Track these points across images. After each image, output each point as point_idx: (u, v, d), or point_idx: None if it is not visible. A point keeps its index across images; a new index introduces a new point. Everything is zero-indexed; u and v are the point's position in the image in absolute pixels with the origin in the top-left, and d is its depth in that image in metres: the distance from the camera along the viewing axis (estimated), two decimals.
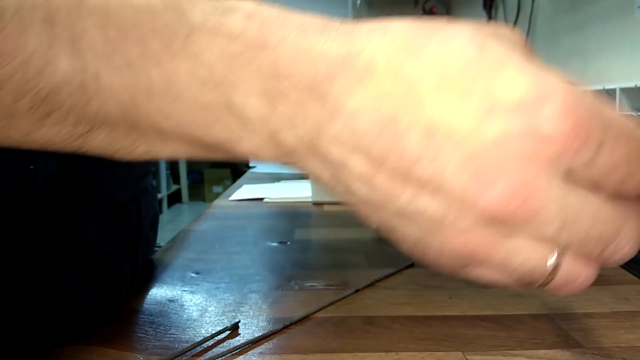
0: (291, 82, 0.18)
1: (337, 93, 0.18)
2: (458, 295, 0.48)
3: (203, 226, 0.77)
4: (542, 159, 0.16)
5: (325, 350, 0.37)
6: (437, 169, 0.17)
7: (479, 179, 0.16)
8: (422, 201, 0.18)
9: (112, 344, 0.38)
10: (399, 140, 0.17)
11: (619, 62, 0.81)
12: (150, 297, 0.48)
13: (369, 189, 0.19)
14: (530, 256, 0.18)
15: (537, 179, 0.16)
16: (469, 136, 0.16)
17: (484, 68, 0.17)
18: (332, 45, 0.19)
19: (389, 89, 0.18)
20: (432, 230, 0.18)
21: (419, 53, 0.18)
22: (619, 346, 0.37)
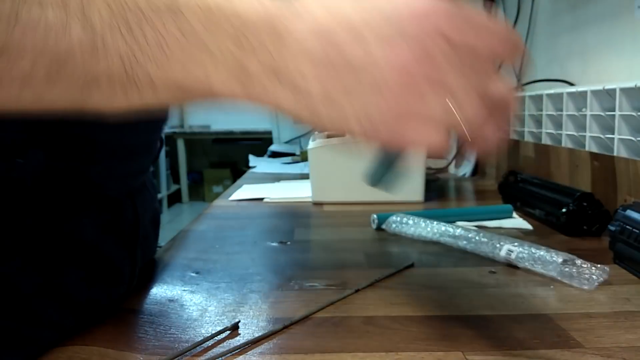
0: (251, 24, 0.26)
1: (286, 25, 0.26)
2: (458, 295, 0.48)
3: (203, 226, 0.77)
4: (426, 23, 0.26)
5: (325, 350, 0.37)
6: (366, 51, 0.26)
7: (391, 45, 0.26)
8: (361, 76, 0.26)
9: (112, 344, 0.38)
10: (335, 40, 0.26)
11: (619, 62, 0.81)
12: (150, 297, 0.48)
13: (322, 85, 0.26)
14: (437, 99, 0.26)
15: (425, 36, 0.26)
16: (379, 25, 0.26)
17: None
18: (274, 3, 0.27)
19: (320, 13, 0.26)
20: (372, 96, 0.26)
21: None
22: (619, 346, 0.37)
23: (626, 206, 0.57)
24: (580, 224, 0.68)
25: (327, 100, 0.27)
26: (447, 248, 0.64)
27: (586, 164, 0.82)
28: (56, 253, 0.40)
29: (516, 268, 0.55)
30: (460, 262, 0.58)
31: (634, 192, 0.69)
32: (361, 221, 0.78)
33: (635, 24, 0.76)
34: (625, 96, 0.71)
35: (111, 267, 0.45)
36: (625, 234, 0.55)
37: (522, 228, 0.74)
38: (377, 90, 0.26)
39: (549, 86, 0.98)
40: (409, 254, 0.61)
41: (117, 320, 0.43)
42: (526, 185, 0.85)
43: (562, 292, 0.48)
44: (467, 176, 1.29)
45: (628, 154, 0.72)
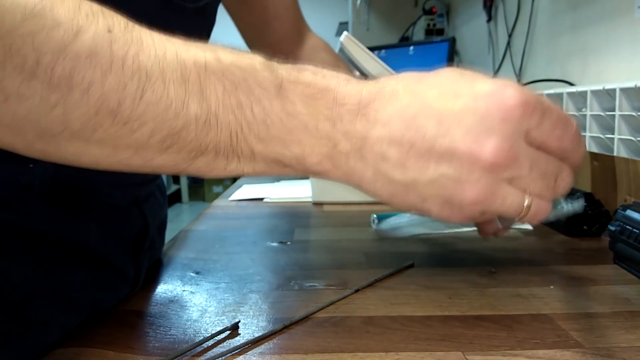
0: (345, 108, 0.28)
1: (375, 110, 0.28)
2: (458, 295, 0.48)
3: (203, 226, 0.77)
4: (512, 120, 0.26)
5: (325, 350, 0.37)
6: (450, 142, 0.26)
7: (478, 141, 0.26)
8: (443, 168, 0.27)
9: (111, 345, 0.38)
10: (420, 129, 0.27)
11: (619, 62, 0.81)
12: (150, 297, 0.48)
13: (403, 171, 0.28)
14: (514, 199, 0.28)
15: (512, 135, 0.26)
16: (465, 115, 0.26)
17: (465, 81, 0.28)
18: (368, 85, 0.29)
19: (408, 101, 0.28)
20: (455, 187, 0.27)
21: (424, 80, 0.29)
22: (619, 346, 0.37)
23: (626, 206, 0.57)
24: (580, 224, 0.68)
25: (409, 187, 0.28)
26: (447, 248, 0.64)
27: (586, 164, 0.82)
28: (62, 257, 0.40)
29: (516, 268, 0.55)
30: (460, 262, 0.58)
31: (634, 192, 0.69)
32: (361, 221, 0.78)
33: (635, 24, 0.76)
34: (625, 96, 0.71)
35: (115, 272, 0.45)
36: (625, 234, 0.55)
37: (522, 228, 0.74)
38: (460, 183, 0.27)
39: (549, 86, 0.98)
40: (409, 254, 0.61)
41: (117, 321, 0.43)
42: None
43: (562, 292, 0.48)
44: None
45: (628, 154, 0.72)
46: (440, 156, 0.27)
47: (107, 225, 0.45)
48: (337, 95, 0.28)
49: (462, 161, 0.26)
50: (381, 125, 0.28)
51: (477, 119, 0.26)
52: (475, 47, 1.51)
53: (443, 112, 0.27)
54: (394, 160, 0.28)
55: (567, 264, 0.57)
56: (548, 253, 0.62)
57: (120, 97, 0.24)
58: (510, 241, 0.67)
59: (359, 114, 0.28)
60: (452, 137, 0.26)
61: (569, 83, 0.94)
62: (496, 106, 0.26)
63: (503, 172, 0.26)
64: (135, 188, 0.49)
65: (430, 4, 1.81)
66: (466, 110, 0.26)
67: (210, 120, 0.27)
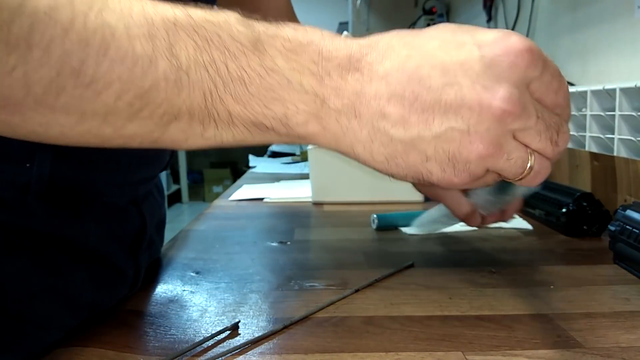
0: (333, 63, 0.26)
1: (370, 64, 0.26)
2: (458, 295, 0.48)
3: (203, 226, 0.77)
4: (520, 67, 0.25)
5: (325, 350, 0.37)
6: (457, 92, 0.24)
7: (487, 89, 0.24)
8: (451, 120, 0.25)
9: (111, 345, 0.38)
10: (425, 81, 0.25)
11: (619, 62, 0.81)
12: (150, 297, 0.48)
13: (406, 128, 0.25)
14: (520, 154, 0.26)
15: (521, 83, 0.25)
16: (472, 63, 0.25)
17: (465, 31, 0.26)
18: (358, 40, 0.27)
19: (407, 53, 0.26)
20: (462, 140, 0.25)
21: (420, 34, 0.27)
22: (619, 346, 0.37)
23: (626, 206, 0.57)
24: (580, 224, 0.68)
25: (410, 146, 0.26)
26: (447, 248, 0.64)
27: (586, 164, 0.82)
28: (61, 257, 0.40)
29: (516, 268, 0.55)
30: (460, 262, 0.58)
31: (634, 192, 0.69)
32: (361, 221, 0.78)
33: (635, 24, 0.76)
34: (625, 96, 0.71)
35: (115, 271, 0.45)
36: (625, 234, 0.55)
37: (522, 228, 0.74)
38: (468, 137, 0.25)
39: None
40: (409, 254, 0.61)
41: (117, 321, 0.43)
42: None
43: (562, 292, 0.48)
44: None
45: (628, 154, 0.72)
46: (447, 107, 0.25)
47: (105, 224, 0.45)
48: (323, 49, 0.26)
49: (471, 111, 0.24)
50: (378, 80, 0.25)
51: (484, 67, 0.24)
52: None
53: (447, 62, 0.25)
54: (395, 116, 0.25)
55: (567, 264, 0.57)
56: (548, 253, 0.62)
57: (82, 55, 0.22)
58: (510, 241, 0.67)
59: (351, 69, 0.26)
60: (460, 86, 0.24)
61: (569, 83, 0.94)
62: (504, 52, 0.24)
63: (513, 121, 0.25)
64: (133, 187, 0.49)
65: (430, 4, 1.81)
66: (472, 58, 0.25)
67: (182, 79, 0.24)
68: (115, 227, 0.46)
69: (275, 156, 1.89)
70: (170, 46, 0.24)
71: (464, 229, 0.74)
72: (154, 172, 0.53)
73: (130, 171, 0.47)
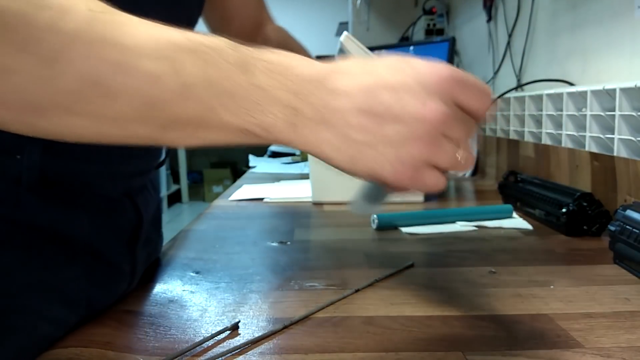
0: (306, 81, 0.32)
1: (336, 83, 0.32)
2: (458, 295, 0.48)
3: (203, 226, 0.77)
4: (445, 87, 0.32)
5: (325, 350, 0.37)
6: (402, 105, 0.32)
7: (423, 103, 0.32)
8: (398, 127, 0.32)
9: (111, 346, 0.38)
10: (378, 97, 0.32)
11: (619, 62, 0.81)
12: (150, 297, 0.48)
13: (366, 134, 0.32)
14: (451, 149, 0.33)
15: (447, 98, 0.32)
16: (412, 85, 0.32)
17: (406, 61, 0.34)
18: (323, 64, 0.33)
19: (363, 76, 0.33)
20: (406, 143, 0.32)
21: (372, 62, 0.34)
22: (619, 346, 0.37)
23: (626, 206, 0.57)
24: (580, 224, 0.68)
25: (368, 147, 0.32)
26: (447, 248, 0.64)
27: (586, 164, 0.82)
28: (54, 250, 0.41)
29: (516, 268, 0.55)
30: (460, 262, 0.58)
31: (634, 192, 0.69)
32: (361, 221, 0.78)
33: (635, 24, 0.76)
34: (625, 96, 0.71)
35: (111, 266, 0.46)
36: (625, 234, 0.55)
37: (522, 228, 0.74)
38: (411, 139, 0.32)
39: (549, 86, 0.98)
40: (409, 254, 0.61)
41: (117, 321, 0.43)
42: (526, 185, 0.85)
43: (562, 292, 0.48)
44: (467, 176, 1.29)
45: (628, 154, 0.72)
46: (395, 117, 0.32)
47: (99, 217, 0.45)
48: (297, 70, 0.32)
49: (413, 120, 0.32)
50: (344, 96, 0.32)
51: (421, 87, 0.32)
52: (475, 47, 1.51)
53: (395, 83, 0.32)
54: (357, 125, 0.32)
55: (567, 264, 0.57)
56: (548, 253, 0.62)
57: (101, 70, 0.27)
58: (510, 241, 0.67)
59: (321, 86, 0.32)
60: (404, 102, 0.32)
61: (569, 83, 0.94)
62: (435, 77, 0.32)
63: (442, 126, 0.32)
64: (126, 179, 0.50)
65: (430, 4, 1.81)
66: (412, 81, 0.32)
67: (184, 94, 0.29)
68: (109, 220, 0.46)
69: (275, 156, 1.89)
70: (175, 65, 0.29)
71: (464, 229, 0.74)
72: (147, 165, 0.53)
73: (122, 163, 0.48)
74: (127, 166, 0.49)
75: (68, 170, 0.42)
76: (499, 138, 1.19)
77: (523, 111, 1.05)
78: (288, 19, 5.79)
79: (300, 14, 4.94)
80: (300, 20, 4.89)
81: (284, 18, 4.48)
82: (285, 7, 4.95)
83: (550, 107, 0.94)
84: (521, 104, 1.07)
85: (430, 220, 0.77)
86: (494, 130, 1.22)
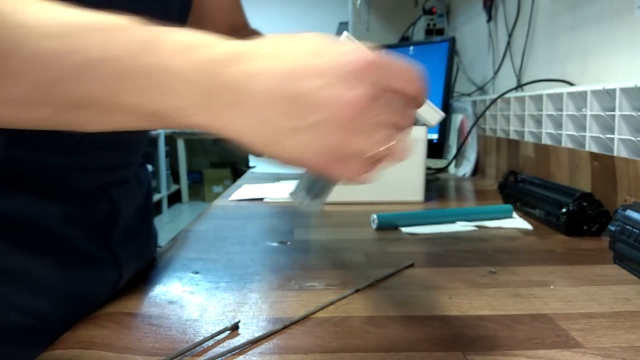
0: (221, 63, 0.29)
1: (255, 66, 0.30)
2: (458, 295, 0.48)
3: (203, 226, 0.77)
4: (369, 72, 0.30)
5: (325, 350, 0.37)
6: (324, 92, 0.29)
7: (345, 90, 0.30)
8: (322, 114, 0.30)
9: (111, 347, 0.38)
10: (299, 82, 0.29)
11: (619, 62, 0.81)
12: (150, 298, 0.48)
13: (286, 120, 0.30)
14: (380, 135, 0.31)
15: (371, 84, 0.30)
16: (335, 70, 0.30)
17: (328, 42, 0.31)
18: (243, 43, 0.31)
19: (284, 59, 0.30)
20: (331, 130, 0.30)
21: (294, 42, 0.31)
22: (619, 346, 0.37)
23: (626, 206, 0.57)
24: (580, 224, 0.68)
25: (290, 133, 0.30)
26: (447, 248, 0.64)
27: (586, 164, 0.82)
28: (26, 240, 0.41)
29: (516, 268, 0.55)
30: (460, 262, 0.58)
31: (634, 192, 0.69)
32: (361, 221, 0.78)
33: (635, 24, 0.76)
34: (625, 96, 0.71)
35: (86, 255, 0.46)
36: (625, 234, 0.55)
37: (522, 228, 0.74)
38: (334, 126, 0.30)
39: (549, 86, 0.98)
40: (409, 254, 0.61)
41: (116, 322, 0.43)
42: (526, 185, 0.85)
43: (562, 292, 0.48)
44: (467, 176, 1.29)
45: (628, 154, 0.72)
46: (318, 105, 0.30)
47: (70, 208, 0.45)
48: (211, 51, 0.30)
49: (336, 107, 0.30)
50: (263, 80, 0.30)
51: (343, 73, 0.30)
52: (475, 47, 1.51)
53: (316, 68, 0.30)
54: (275, 111, 0.30)
55: (567, 264, 0.57)
56: (548, 253, 0.62)
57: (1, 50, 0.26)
58: (510, 241, 0.67)
59: (238, 68, 0.30)
60: (326, 88, 0.30)
61: (569, 83, 0.94)
62: (360, 62, 0.30)
63: (368, 112, 0.30)
64: (101, 172, 0.49)
65: (430, 4, 1.81)
66: (335, 66, 0.30)
67: (83, 73, 0.28)
68: (81, 210, 0.46)
69: None
70: (75, 44, 0.28)
71: (464, 229, 0.74)
72: (124, 160, 0.53)
73: (93, 156, 0.47)
74: (99, 160, 0.48)
75: (35, 162, 0.43)
76: (499, 138, 1.19)
77: (523, 111, 1.05)
78: (288, 19, 5.80)
79: (300, 14, 4.94)
80: (300, 20, 4.89)
81: (284, 18, 4.50)
82: (285, 7, 4.95)
83: (550, 107, 0.94)
84: (521, 104, 1.07)
85: (430, 220, 0.77)
86: (494, 130, 1.22)
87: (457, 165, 1.34)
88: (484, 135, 1.28)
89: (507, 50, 1.25)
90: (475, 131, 1.29)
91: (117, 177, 0.52)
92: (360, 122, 0.31)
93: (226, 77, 0.30)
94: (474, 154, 1.29)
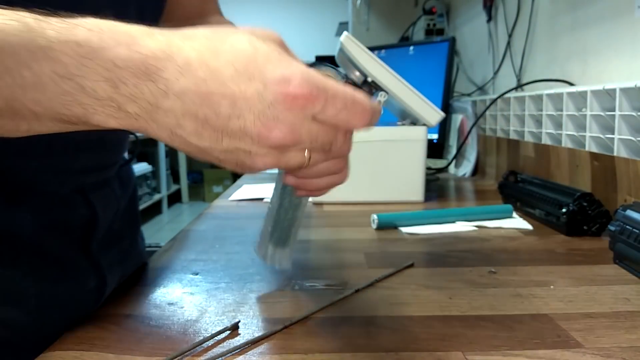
0: (128, 71, 0.28)
1: (166, 79, 0.28)
2: (458, 295, 0.48)
3: (203, 226, 0.77)
4: (295, 109, 0.29)
5: (325, 350, 0.37)
6: (242, 123, 0.29)
7: (266, 126, 0.29)
8: (237, 143, 0.29)
9: (111, 349, 0.38)
10: (215, 107, 0.28)
11: (619, 62, 0.81)
12: (150, 298, 0.48)
13: (200, 139, 0.29)
14: (298, 157, 0.31)
15: (294, 121, 0.29)
16: (256, 102, 0.28)
17: (259, 60, 0.29)
18: (156, 46, 0.28)
19: (203, 76, 0.28)
20: (246, 157, 0.30)
21: (219, 53, 0.29)
22: (619, 346, 0.37)
23: (626, 206, 0.57)
24: (580, 224, 0.68)
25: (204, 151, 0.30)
26: (447, 248, 0.64)
27: (586, 164, 0.82)
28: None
29: (516, 268, 0.55)
30: (460, 262, 0.58)
31: (634, 192, 0.69)
32: (361, 221, 0.78)
33: (635, 24, 0.76)
34: (625, 96, 0.71)
35: (61, 263, 0.45)
36: (625, 234, 0.55)
37: (522, 228, 0.74)
38: (249, 154, 0.30)
39: (549, 86, 0.98)
40: (409, 254, 0.61)
41: (116, 324, 0.43)
42: (526, 185, 0.85)
43: (562, 292, 0.48)
44: (467, 176, 1.29)
45: (628, 154, 0.72)
46: (233, 133, 0.29)
47: (44, 214, 0.44)
48: (117, 56, 0.27)
49: (252, 140, 0.29)
50: (174, 97, 0.28)
51: (265, 107, 0.28)
52: (475, 47, 1.51)
53: (237, 95, 0.28)
54: (189, 129, 0.29)
55: (567, 264, 0.57)
56: (548, 253, 0.62)
57: None
58: (510, 241, 0.67)
59: (147, 80, 0.28)
60: (244, 120, 0.29)
61: (569, 83, 0.94)
62: (283, 97, 0.28)
63: (286, 149, 0.30)
64: (78, 175, 0.48)
65: (430, 4, 1.81)
66: (257, 97, 0.28)
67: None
68: (56, 218, 0.45)
69: None
70: None
71: (464, 229, 0.74)
72: (103, 161, 0.51)
73: (67, 157, 0.46)
74: (74, 161, 0.47)
75: (5, 166, 0.41)
76: (499, 138, 1.19)
77: (523, 111, 1.05)
78: (288, 19, 5.78)
79: (300, 14, 4.94)
80: (300, 20, 4.89)
81: (285, 18, 4.49)
82: (285, 7, 4.95)
83: (550, 107, 0.94)
84: (521, 104, 1.07)
85: (430, 220, 0.77)
86: (494, 130, 1.22)
87: (457, 165, 1.34)
88: (484, 135, 1.28)
89: (507, 50, 1.25)
90: (475, 131, 1.29)
91: (96, 179, 0.50)
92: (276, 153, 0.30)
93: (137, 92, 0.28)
94: (474, 154, 1.29)
